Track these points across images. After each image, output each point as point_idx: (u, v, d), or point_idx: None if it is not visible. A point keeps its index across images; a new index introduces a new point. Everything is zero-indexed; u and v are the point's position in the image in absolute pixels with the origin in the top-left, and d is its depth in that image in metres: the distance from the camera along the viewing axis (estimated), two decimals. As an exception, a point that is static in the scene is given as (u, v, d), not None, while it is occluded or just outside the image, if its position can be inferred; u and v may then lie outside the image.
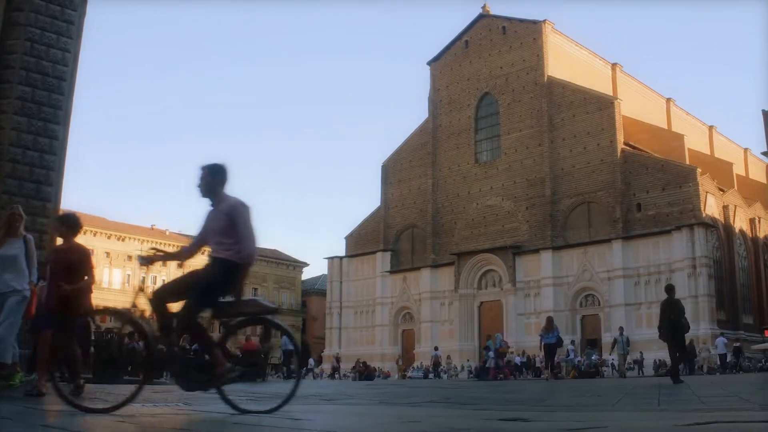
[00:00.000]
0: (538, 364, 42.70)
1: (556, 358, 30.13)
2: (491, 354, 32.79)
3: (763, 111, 55.57)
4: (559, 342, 27.34)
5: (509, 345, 37.24)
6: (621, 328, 34.10)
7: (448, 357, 58.10)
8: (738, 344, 45.16)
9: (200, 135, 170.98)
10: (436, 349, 53.50)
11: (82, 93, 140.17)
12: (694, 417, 5.04)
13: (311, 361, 67.78)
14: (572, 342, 53.46)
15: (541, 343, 27.43)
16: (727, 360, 41.85)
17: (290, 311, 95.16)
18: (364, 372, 46.50)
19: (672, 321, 15.83)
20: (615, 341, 32.03)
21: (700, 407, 6.42)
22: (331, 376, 57.09)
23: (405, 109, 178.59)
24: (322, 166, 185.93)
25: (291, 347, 27.33)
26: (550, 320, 27.88)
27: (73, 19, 17.33)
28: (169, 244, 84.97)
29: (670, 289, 17.05)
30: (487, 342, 33.86)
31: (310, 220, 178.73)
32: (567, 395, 10.02)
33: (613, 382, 18.78)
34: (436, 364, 49.25)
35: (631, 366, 52.02)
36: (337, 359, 59.09)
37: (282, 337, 27.45)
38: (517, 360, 48.77)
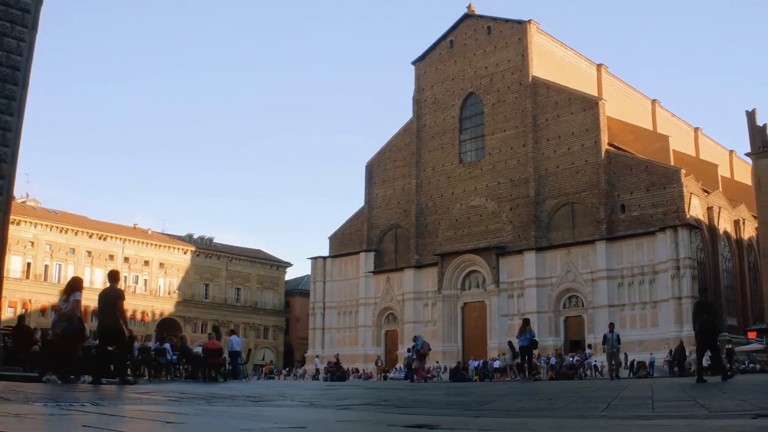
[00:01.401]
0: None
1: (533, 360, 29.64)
2: (414, 355, 32.35)
3: (747, 112, 55.49)
4: (534, 344, 26.85)
5: (431, 347, 36.51)
6: (611, 325, 31.06)
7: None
8: (729, 346, 44.82)
9: (185, 134, 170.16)
10: (408, 351, 53.09)
11: (71, 89, 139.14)
12: (625, 426, 4.56)
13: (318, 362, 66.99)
14: (589, 346, 52.67)
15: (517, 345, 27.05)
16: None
17: (273, 311, 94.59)
18: (336, 372, 45.94)
19: (704, 321, 15.85)
20: (605, 339, 29.28)
21: (644, 414, 5.97)
22: (314, 376, 56.56)
23: (390, 109, 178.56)
24: (307, 165, 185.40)
25: (238, 348, 27.03)
26: (525, 322, 27.36)
27: (29, 8, 16.74)
28: (152, 244, 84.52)
29: (703, 291, 17.01)
30: (414, 342, 33.13)
31: (294, 220, 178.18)
32: (518, 398, 9.54)
33: (581, 384, 18.26)
34: (409, 365, 48.92)
35: (614, 367, 51.75)
36: (337, 359, 58.54)
37: (230, 338, 26.96)
38: (497, 363, 48.29)
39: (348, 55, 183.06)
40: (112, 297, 13.90)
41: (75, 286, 14.21)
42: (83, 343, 15.32)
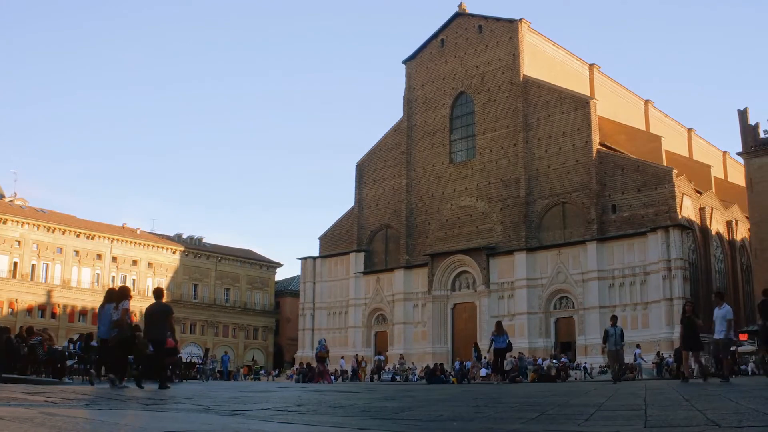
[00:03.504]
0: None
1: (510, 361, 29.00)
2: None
3: (739, 111, 54.91)
4: (509, 347, 26.26)
5: (328, 349, 36.81)
6: (614, 318, 26.64)
7: (401, 357, 57.15)
8: (734, 348, 44.07)
9: (176, 134, 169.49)
10: (379, 353, 52.78)
11: (63, 89, 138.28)
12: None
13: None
14: (638, 346, 48.01)
15: (490, 347, 26.43)
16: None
17: (263, 312, 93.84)
18: (308, 374, 45.43)
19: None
20: (606, 335, 24.91)
21: (564, 429, 5.29)
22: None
23: (380, 109, 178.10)
24: (297, 165, 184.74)
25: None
26: (499, 324, 26.78)
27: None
28: (140, 243, 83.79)
29: (767, 291, 16.36)
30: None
31: (284, 220, 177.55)
32: (450, 404, 8.86)
33: (549, 388, 17.41)
34: (379, 368, 48.77)
35: (604, 369, 50.93)
36: (357, 360, 57.95)
37: None
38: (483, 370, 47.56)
39: (339, 54, 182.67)
40: (159, 312, 15.31)
41: (124, 294, 15.25)
42: (134, 348, 16.61)
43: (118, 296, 15.30)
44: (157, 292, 16.07)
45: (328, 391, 14.71)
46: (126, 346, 15.33)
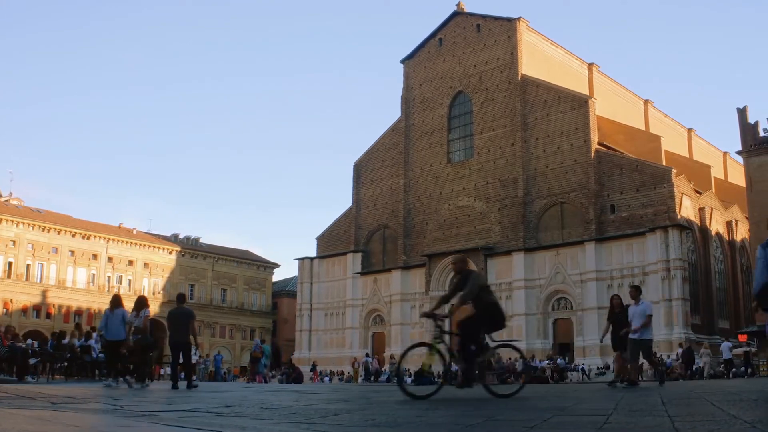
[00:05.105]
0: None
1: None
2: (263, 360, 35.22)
3: (738, 109, 54.34)
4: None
5: (263, 351, 37.01)
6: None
7: (392, 357, 56.71)
8: (748, 349, 43.60)
9: (173, 135, 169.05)
10: (367, 355, 52.37)
11: (60, 90, 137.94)
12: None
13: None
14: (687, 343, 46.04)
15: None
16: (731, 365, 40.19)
17: (260, 313, 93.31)
18: (292, 374, 45.13)
19: None
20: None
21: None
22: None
23: (378, 108, 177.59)
24: (295, 165, 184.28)
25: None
26: None
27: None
28: (137, 243, 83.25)
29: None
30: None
31: (282, 220, 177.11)
32: (403, 407, 8.36)
33: (530, 390, 16.72)
34: (367, 369, 48.34)
35: (602, 371, 50.43)
36: (378, 361, 57.59)
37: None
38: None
39: (337, 54, 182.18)
40: (183, 316, 16.31)
41: (143, 303, 16.85)
42: (154, 352, 18.38)
43: (138, 304, 16.68)
44: (180, 297, 17.18)
45: (289, 392, 14.29)
46: (148, 350, 17.15)
